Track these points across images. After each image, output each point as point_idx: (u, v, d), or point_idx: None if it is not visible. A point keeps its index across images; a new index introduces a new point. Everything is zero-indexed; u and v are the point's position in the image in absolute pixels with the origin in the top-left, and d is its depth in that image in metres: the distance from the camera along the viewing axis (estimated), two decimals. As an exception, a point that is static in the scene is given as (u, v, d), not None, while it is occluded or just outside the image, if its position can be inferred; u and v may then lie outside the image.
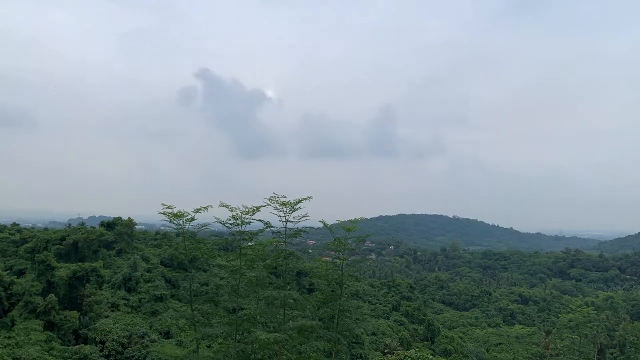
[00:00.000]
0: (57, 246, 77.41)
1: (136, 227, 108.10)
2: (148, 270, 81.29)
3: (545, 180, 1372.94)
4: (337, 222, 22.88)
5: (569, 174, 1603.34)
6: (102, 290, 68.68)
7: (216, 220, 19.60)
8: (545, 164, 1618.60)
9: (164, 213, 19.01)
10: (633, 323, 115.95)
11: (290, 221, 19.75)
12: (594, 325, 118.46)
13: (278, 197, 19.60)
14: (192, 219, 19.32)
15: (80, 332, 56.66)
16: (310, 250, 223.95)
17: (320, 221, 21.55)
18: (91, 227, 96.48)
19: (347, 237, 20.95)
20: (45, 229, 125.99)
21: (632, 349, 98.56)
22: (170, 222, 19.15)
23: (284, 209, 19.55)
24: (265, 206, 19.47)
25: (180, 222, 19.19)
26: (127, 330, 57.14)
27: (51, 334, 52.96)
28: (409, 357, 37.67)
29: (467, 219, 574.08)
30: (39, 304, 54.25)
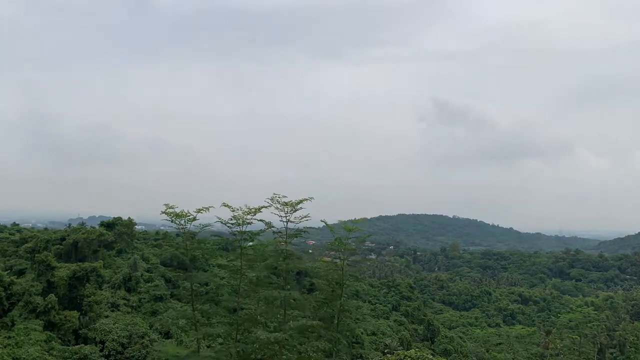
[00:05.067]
0: (57, 246, 77.50)
1: (136, 227, 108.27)
2: (148, 270, 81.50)
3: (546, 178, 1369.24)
4: (337, 222, 22.83)
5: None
6: (102, 290, 68.72)
7: (218, 220, 19.60)
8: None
9: (166, 212, 19.03)
10: (633, 323, 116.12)
11: (291, 221, 19.73)
12: (594, 325, 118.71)
13: (279, 197, 19.58)
14: (194, 218, 19.31)
15: (80, 332, 56.70)
16: (310, 250, 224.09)
17: (321, 221, 21.50)
18: (91, 227, 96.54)
19: (348, 237, 20.92)
20: (45, 229, 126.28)
21: (632, 349, 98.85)
22: (172, 221, 19.16)
23: (286, 209, 19.52)
24: (267, 207, 19.41)
25: (182, 222, 19.19)
26: (127, 330, 57.19)
27: (51, 334, 53.00)
28: (409, 357, 37.66)
29: (467, 219, 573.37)
30: (39, 304, 54.27)
